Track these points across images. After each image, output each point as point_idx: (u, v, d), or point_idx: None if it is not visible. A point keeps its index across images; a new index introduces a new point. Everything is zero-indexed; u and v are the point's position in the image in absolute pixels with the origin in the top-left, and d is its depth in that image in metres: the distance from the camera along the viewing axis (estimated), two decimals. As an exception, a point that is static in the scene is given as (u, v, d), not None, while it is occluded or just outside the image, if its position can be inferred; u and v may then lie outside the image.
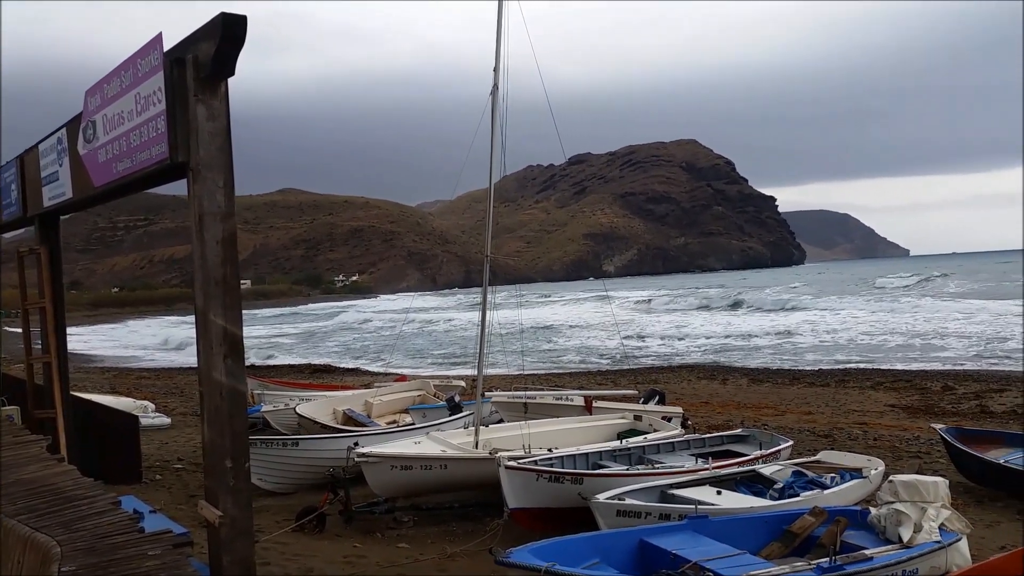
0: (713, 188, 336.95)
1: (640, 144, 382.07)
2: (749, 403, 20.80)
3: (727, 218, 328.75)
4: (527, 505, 8.76)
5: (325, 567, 8.08)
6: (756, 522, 7.51)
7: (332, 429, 13.21)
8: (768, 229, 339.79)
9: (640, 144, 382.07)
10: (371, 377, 28.49)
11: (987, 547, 8.20)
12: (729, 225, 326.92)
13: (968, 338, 35.12)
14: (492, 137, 11.23)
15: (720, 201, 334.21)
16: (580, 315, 66.13)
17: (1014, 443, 11.78)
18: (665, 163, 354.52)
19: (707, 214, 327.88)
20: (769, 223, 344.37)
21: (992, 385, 21.94)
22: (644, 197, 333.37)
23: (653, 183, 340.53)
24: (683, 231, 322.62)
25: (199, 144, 4.90)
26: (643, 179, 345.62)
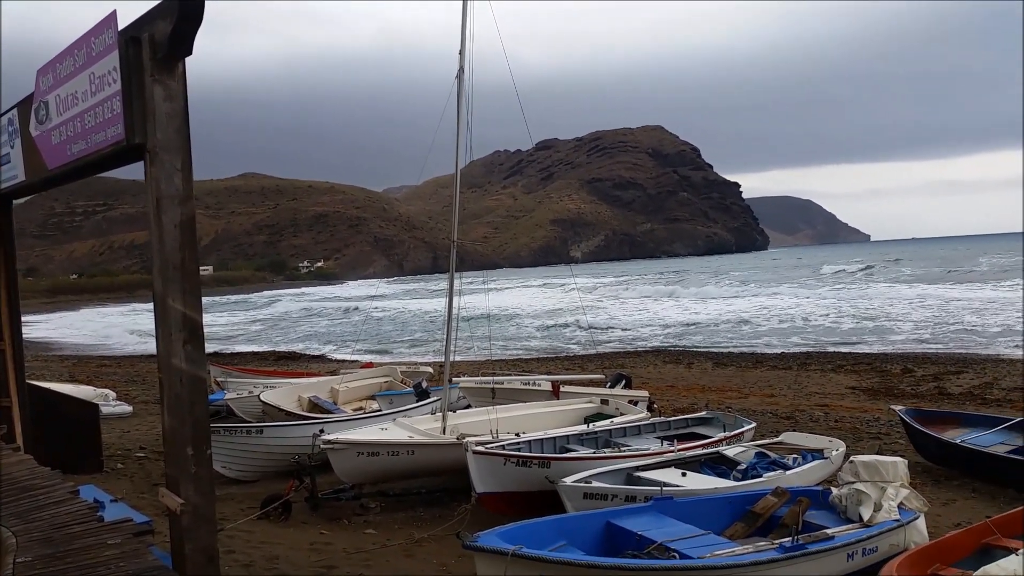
0: (679, 174, 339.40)
1: (607, 130, 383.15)
2: (713, 386, 21.05)
3: (692, 204, 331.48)
4: (495, 489, 8.79)
5: (291, 554, 8.02)
6: (720, 503, 7.61)
7: (297, 416, 13.10)
8: (732, 215, 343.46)
9: (607, 130, 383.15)
10: (337, 364, 28.30)
11: (944, 524, 8.41)
12: (694, 211, 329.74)
13: (913, 322, 36.04)
14: (458, 121, 11.15)
15: (685, 187, 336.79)
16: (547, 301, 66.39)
17: (970, 424, 12.08)
18: (632, 149, 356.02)
19: (673, 200, 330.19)
20: (733, 209, 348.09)
21: (950, 367, 22.45)
22: (611, 183, 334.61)
23: (620, 169, 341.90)
24: (649, 217, 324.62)
25: (156, 126, 4.78)
26: (610, 165, 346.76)
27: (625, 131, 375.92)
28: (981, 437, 11.30)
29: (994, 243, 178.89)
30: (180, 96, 4.87)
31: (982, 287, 52.23)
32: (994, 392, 18.18)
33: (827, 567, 6.37)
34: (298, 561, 7.81)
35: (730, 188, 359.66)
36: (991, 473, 10.42)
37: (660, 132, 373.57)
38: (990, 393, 18.07)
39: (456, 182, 11.45)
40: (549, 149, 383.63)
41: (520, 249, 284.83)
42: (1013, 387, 18.64)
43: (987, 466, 10.52)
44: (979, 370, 21.60)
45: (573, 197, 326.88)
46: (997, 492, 9.95)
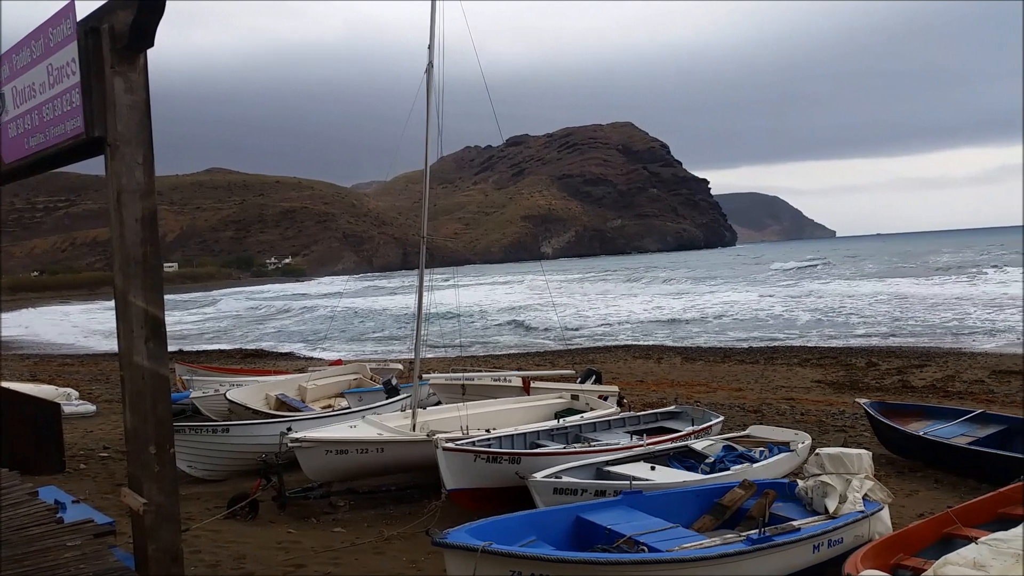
0: (648, 171, 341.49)
1: (577, 126, 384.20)
2: (682, 381, 21.23)
3: (662, 200, 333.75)
4: (465, 486, 8.77)
5: (258, 553, 7.93)
6: (688, 496, 7.67)
7: (264, 415, 12.96)
8: (701, 211, 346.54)
9: (577, 126, 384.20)
10: (305, 362, 28.06)
11: (907, 515, 8.55)
12: (664, 207, 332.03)
13: (864, 318, 36.78)
14: (427, 117, 11.07)
15: (655, 184, 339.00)
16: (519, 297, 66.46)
17: (933, 416, 12.31)
18: (602, 145, 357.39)
19: (643, 196, 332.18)
20: (702, 205, 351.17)
21: (913, 361, 22.87)
22: (581, 179, 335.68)
23: (590, 165, 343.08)
24: (620, 213, 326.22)
25: (117, 118, 4.69)
26: (580, 161, 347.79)
27: (596, 127, 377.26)
28: (943, 429, 11.52)
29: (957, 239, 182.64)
30: (142, 88, 4.78)
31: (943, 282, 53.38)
32: (956, 385, 18.55)
33: (793, 558, 6.45)
34: (266, 560, 7.72)
35: (699, 184, 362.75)
36: (953, 464, 10.62)
37: (630, 128, 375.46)
38: (952, 386, 18.44)
39: (426, 177, 11.38)
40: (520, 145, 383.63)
41: (491, 245, 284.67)
42: (974, 380, 19.05)
43: (949, 457, 10.72)
44: (941, 364, 22.02)
45: (544, 193, 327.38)
46: (959, 482, 10.14)
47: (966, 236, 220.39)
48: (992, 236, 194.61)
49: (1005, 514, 7.01)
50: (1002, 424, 11.49)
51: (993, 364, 21.27)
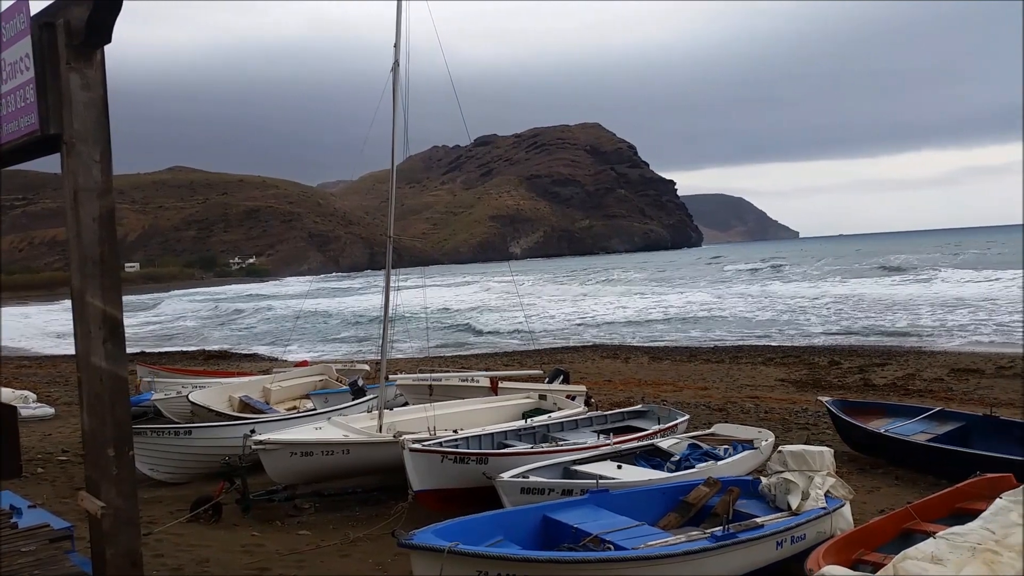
0: (616, 172, 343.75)
1: (545, 127, 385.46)
2: (649, 380, 21.37)
3: (629, 201, 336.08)
4: (432, 487, 8.72)
5: (222, 556, 7.83)
6: (654, 494, 7.72)
7: (227, 417, 12.79)
8: (668, 212, 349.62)
9: (545, 127, 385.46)
10: (270, 363, 27.74)
11: (868, 511, 8.69)
12: (631, 208, 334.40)
13: (820, 317, 37.58)
14: (394, 116, 11.00)
15: (623, 184, 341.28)
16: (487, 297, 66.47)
17: (894, 414, 12.54)
18: (570, 146, 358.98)
19: (610, 197, 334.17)
20: (669, 206, 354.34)
21: (875, 359, 23.28)
22: (550, 180, 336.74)
23: (558, 166, 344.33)
24: (588, 214, 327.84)
25: (73, 115, 4.58)
26: (548, 162, 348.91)
27: (563, 128, 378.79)
28: (903, 426, 11.73)
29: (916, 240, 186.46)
30: (99, 85, 4.68)
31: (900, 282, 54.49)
32: (916, 383, 18.92)
33: (757, 555, 6.52)
34: (229, 563, 7.63)
35: (666, 186, 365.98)
36: (913, 461, 10.81)
37: (598, 130, 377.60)
38: (912, 384, 18.80)
39: (392, 177, 11.31)
40: (488, 145, 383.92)
41: (459, 245, 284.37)
42: (934, 378, 19.45)
43: (909, 454, 10.92)
44: (902, 362, 22.45)
45: (512, 193, 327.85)
46: (918, 478, 10.32)
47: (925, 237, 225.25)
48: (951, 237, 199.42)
49: (962, 509, 7.16)
50: (960, 421, 11.73)
51: (952, 363, 21.74)
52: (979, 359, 22.21)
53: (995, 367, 20.50)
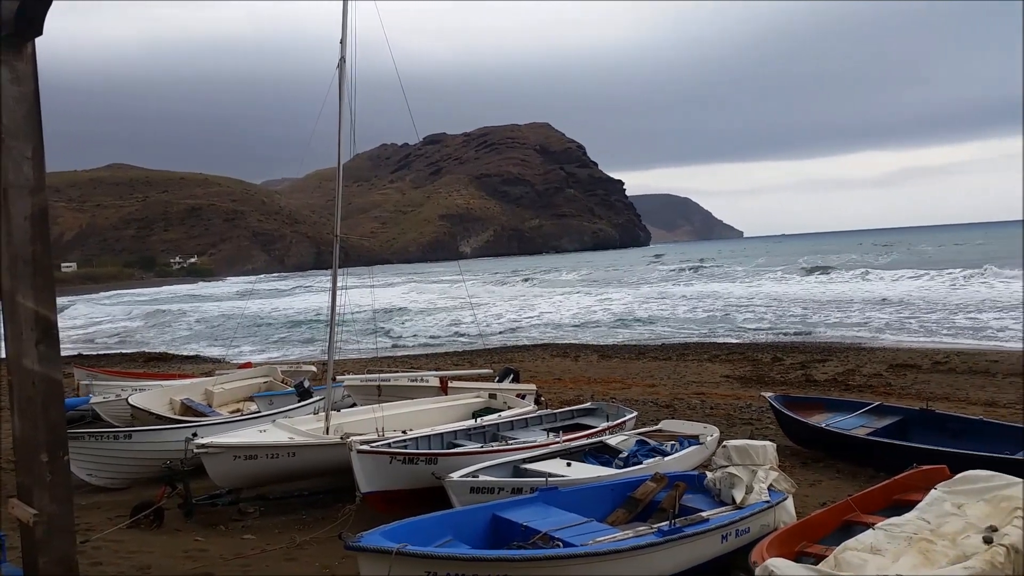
0: (565, 171, 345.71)
1: (495, 126, 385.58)
2: (599, 378, 21.55)
3: (579, 201, 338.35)
4: (380, 488, 8.64)
5: (164, 562, 7.65)
6: (602, 490, 7.77)
7: (168, 420, 12.47)
8: (617, 212, 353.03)
9: (495, 126, 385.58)
10: (212, 365, 27.16)
11: (810, 504, 8.90)
12: (581, 207, 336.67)
13: (755, 313, 38.68)
14: (340, 113, 10.86)
15: (572, 184, 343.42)
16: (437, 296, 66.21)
17: (834, 408, 12.86)
18: (519, 145, 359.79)
19: (560, 197, 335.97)
20: (618, 206, 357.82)
21: (816, 356, 23.86)
22: (499, 179, 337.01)
23: (508, 165, 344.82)
24: (537, 213, 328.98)
25: (2, 110, 4.42)
26: (498, 161, 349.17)
27: (513, 127, 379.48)
28: (844, 421, 12.04)
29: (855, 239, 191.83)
30: (30, 79, 4.52)
31: (838, 280, 56.04)
32: (856, 378, 19.45)
33: (703, 549, 6.61)
34: (172, 569, 7.47)
35: (614, 185, 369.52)
36: (853, 454, 11.10)
37: (547, 129, 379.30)
38: (852, 379, 19.33)
39: (339, 174, 11.17)
40: (438, 144, 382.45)
41: (408, 244, 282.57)
42: (872, 374, 20.03)
43: (849, 448, 11.20)
44: (842, 358, 23.06)
45: (462, 192, 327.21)
46: (858, 471, 10.59)
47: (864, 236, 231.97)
48: (889, 236, 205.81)
49: (900, 500, 7.37)
50: (898, 415, 12.07)
51: (890, 359, 22.41)
52: (916, 355, 22.95)
53: (931, 362, 21.22)
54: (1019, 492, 6.47)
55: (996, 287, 42.32)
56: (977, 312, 32.72)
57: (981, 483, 6.74)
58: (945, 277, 49.50)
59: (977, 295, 39.29)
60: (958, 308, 34.74)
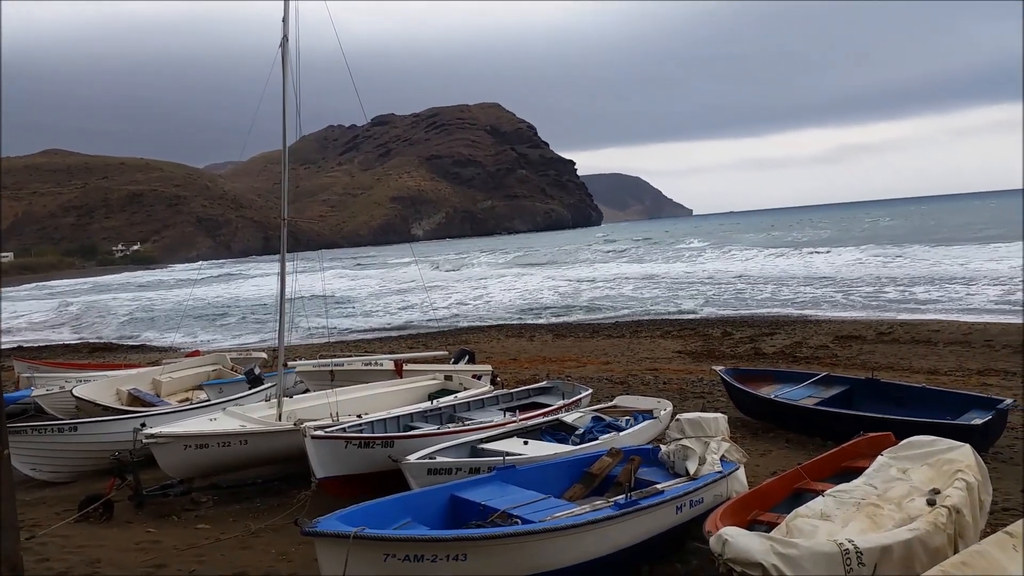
0: (516, 152, 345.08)
1: (444, 106, 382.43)
2: (554, 357, 21.68)
3: (530, 181, 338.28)
4: (336, 473, 8.56)
5: (114, 556, 7.47)
6: (559, 467, 7.83)
7: (115, 411, 12.17)
8: (569, 192, 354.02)
9: (444, 106, 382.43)
10: (159, 354, 26.57)
11: (761, 473, 9.10)
12: (532, 188, 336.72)
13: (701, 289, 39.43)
14: (284, 94, 10.62)
15: (523, 165, 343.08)
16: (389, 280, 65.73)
17: (782, 380, 13.14)
18: (470, 126, 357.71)
19: (511, 177, 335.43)
20: (569, 186, 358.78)
21: (764, 329, 24.36)
22: (450, 160, 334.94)
23: (459, 146, 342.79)
24: (489, 194, 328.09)
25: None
26: (448, 142, 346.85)
27: (463, 108, 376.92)
28: (792, 392, 12.31)
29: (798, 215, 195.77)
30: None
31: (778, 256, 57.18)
32: (803, 351, 19.92)
33: (658, 520, 6.71)
34: (123, 562, 7.29)
35: (566, 166, 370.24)
36: (801, 424, 11.36)
37: (498, 109, 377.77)
38: (799, 352, 19.79)
39: (284, 157, 10.94)
40: (386, 125, 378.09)
41: (359, 227, 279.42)
42: (819, 345, 20.54)
43: (798, 418, 11.46)
44: (789, 331, 23.58)
45: (412, 174, 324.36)
46: (807, 440, 10.85)
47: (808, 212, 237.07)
48: (832, 212, 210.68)
49: (847, 467, 7.58)
50: (844, 385, 12.39)
51: (836, 330, 22.99)
52: (860, 326, 23.59)
53: (876, 333, 21.83)
54: (960, 456, 6.70)
55: (921, 262, 43.56)
56: (908, 285, 33.57)
57: (924, 448, 6.96)
58: (873, 252, 51.00)
59: (900, 270, 40.16)
60: (890, 281, 35.64)
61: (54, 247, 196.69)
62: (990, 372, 15.85)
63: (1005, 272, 34.11)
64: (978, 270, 36.30)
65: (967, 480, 6.17)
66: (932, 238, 60.82)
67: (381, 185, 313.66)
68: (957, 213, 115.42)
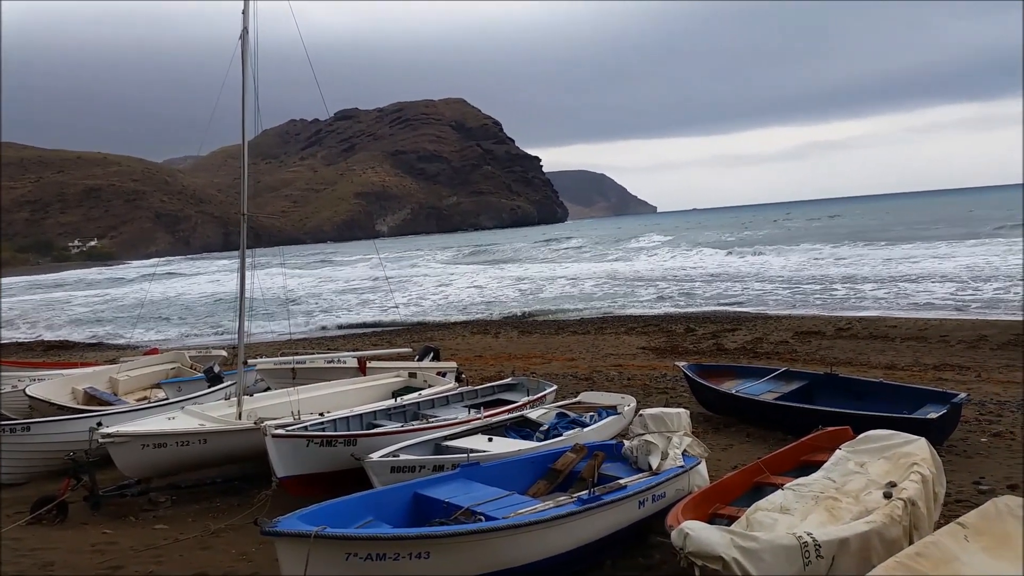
0: (482, 148, 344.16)
1: (409, 101, 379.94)
2: (519, 354, 21.69)
3: (496, 178, 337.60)
4: (298, 472, 8.46)
5: (69, 558, 7.31)
6: (524, 463, 7.84)
7: (70, 410, 11.90)
8: (534, 188, 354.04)
9: (409, 101, 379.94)
10: (117, 352, 26.06)
11: (723, 467, 9.19)
12: (498, 184, 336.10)
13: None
14: (243, 86, 10.45)
15: (489, 161, 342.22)
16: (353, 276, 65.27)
17: (743, 375, 13.32)
18: (435, 121, 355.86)
19: (477, 173, 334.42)
20: (535, 182, 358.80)
21: (726, 325, 24.64)
22: (415, 156, 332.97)
23: (424, 142, 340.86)
24: (455, 190, 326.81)
25: None
26: (413, 137, 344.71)
27: (428, 103, 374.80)
28: (753, 387, 12.47)
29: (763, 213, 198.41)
30: None
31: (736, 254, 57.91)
32: (763, 346, 20.19)
33: (621, 515, 6.74)
34: (79, 564, 7.14)
35: (531, 162, 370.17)
36: (762, 418, 11.52)
37: (463, 105, 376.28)
38: (760, 347, 20.06)
39: (244, 151, 10.76)
40: (350, 119, 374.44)
41: (323, 223, 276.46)
42: (779, 341, 20.84)
43: (758, 412, 11.62)
44: (751, 327, 23.89)
45: (377, 170, 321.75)
46: (767, 435, 10.99)
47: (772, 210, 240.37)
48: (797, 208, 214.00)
49: (807, 460, 7.70)
50: (804, 380, 12.57)
51: (795, 326, 23.33)
52: (820, 322, 23.98)
53: (835, 329, 22.22)
54: (915, 449, 6.84)
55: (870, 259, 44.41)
56: (854, 283, 34.09)
57: (881, 442, 7.10)
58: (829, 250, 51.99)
59: (850, 269, 40.76)
60: (842, 279, 36.20)
61: (7, 243, 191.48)
62: (945, 367, 16.23)
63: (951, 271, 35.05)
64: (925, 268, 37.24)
65: (922, 473, 6.30)
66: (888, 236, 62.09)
67: (345, 180, 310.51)
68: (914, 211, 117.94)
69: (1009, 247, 42.89)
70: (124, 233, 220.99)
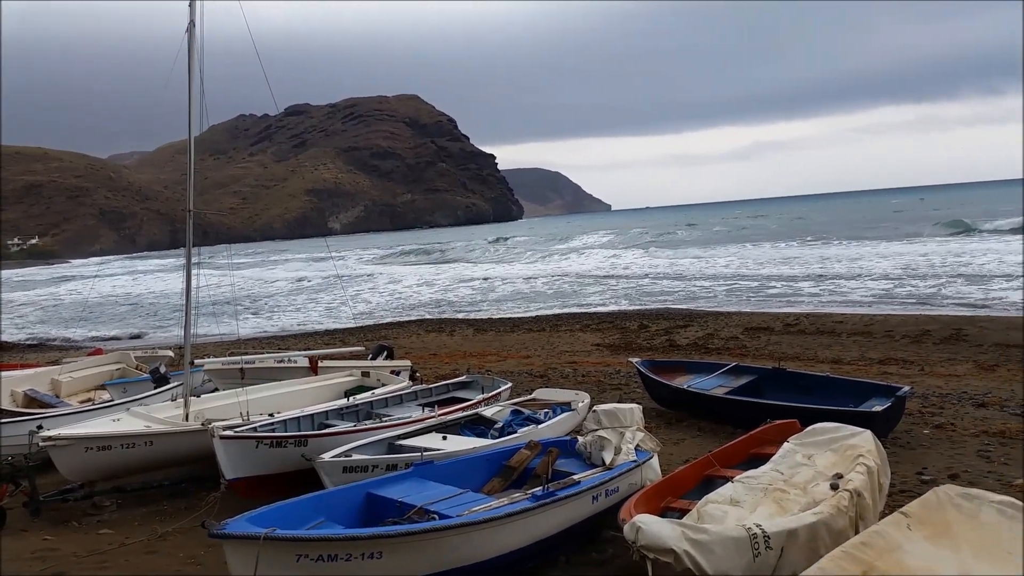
0: (437, 145, 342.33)
1: (362, 97, 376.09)
2: (474, 352, 21.65)
3: (451, 175, 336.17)
4: (247, 474, 8.30)
5: (8, 566, 7.07)
6: (478, 461, 7.81)
7: (9, 413, 11.51)
8: (489, 186, 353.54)
9: (362, 97, 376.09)
10: (59, 352, 25.29)
11: (675, 461, 9.29)
12: (453, 182, 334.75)
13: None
14: (190, 81, 10.21)
15: (444, 158, 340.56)
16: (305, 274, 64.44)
17: (695, 370, 13.50)
18: (388, 118, 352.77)
19: (432, 171, 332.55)
20: (490, 180, 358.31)
21: (678, 322, 24.94)
22: (369, 152, 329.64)
23: (377, 138, 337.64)
24: (409, 187, 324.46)
25: None
26: (366, 134, 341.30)
27: (381, 99, 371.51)
28: (704, 381, 12.65)
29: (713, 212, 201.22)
30: None
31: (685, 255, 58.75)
32: (714, 342, 20.50)
33: (575, 510, 6.77)
34: (18, 572, 6.91)
35: (486, 159, 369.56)
36: (713, 413, 11.69)
37: (417, 101, 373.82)
38: (711, 343, 20.36)
39: (190, 146, 10.52)
40: (301, 115, 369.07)
41: (273, 220, 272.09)
42: (730, 337, 21.18)
43: (709, 407, 11.79)
44: (702, 323, 24.23)
45: (329, 166, 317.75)
46: (718, 429, 11.17)
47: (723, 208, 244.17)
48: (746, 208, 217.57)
49: (757, 453, 7.83)
50: (753, 375, 12.80)
51: (745, 322, 23.74)
52: (768, 318, 24.42)
53: (783, 324, 22.65)
54: (861, 441, 7.01)
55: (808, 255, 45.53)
56: (792, 281, 34.91)
57: (828, 434, 7.25)
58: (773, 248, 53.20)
59: (794, 269, 41.68)
60: (781, 277, 37.00)
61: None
62: (890, 361, 16.68)
63: (887, 268, 36.19)
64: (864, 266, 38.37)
65: (868, 464, 6.45)
66: (824, 235, 63.72)
67: (296, 177, 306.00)
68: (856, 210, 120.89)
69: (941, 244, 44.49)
70: (67, 231, 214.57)
